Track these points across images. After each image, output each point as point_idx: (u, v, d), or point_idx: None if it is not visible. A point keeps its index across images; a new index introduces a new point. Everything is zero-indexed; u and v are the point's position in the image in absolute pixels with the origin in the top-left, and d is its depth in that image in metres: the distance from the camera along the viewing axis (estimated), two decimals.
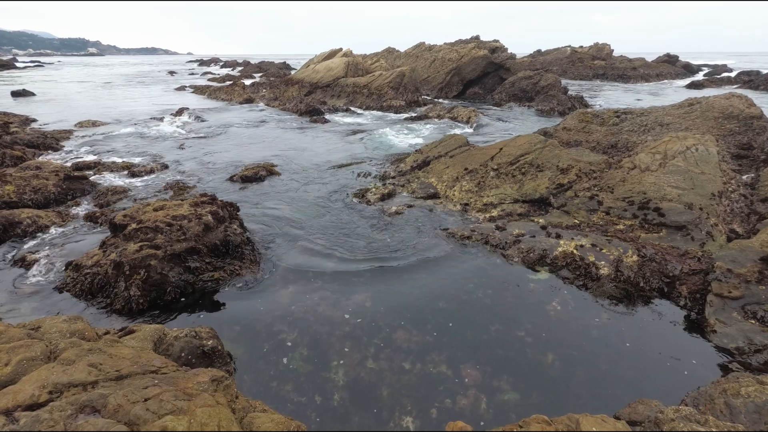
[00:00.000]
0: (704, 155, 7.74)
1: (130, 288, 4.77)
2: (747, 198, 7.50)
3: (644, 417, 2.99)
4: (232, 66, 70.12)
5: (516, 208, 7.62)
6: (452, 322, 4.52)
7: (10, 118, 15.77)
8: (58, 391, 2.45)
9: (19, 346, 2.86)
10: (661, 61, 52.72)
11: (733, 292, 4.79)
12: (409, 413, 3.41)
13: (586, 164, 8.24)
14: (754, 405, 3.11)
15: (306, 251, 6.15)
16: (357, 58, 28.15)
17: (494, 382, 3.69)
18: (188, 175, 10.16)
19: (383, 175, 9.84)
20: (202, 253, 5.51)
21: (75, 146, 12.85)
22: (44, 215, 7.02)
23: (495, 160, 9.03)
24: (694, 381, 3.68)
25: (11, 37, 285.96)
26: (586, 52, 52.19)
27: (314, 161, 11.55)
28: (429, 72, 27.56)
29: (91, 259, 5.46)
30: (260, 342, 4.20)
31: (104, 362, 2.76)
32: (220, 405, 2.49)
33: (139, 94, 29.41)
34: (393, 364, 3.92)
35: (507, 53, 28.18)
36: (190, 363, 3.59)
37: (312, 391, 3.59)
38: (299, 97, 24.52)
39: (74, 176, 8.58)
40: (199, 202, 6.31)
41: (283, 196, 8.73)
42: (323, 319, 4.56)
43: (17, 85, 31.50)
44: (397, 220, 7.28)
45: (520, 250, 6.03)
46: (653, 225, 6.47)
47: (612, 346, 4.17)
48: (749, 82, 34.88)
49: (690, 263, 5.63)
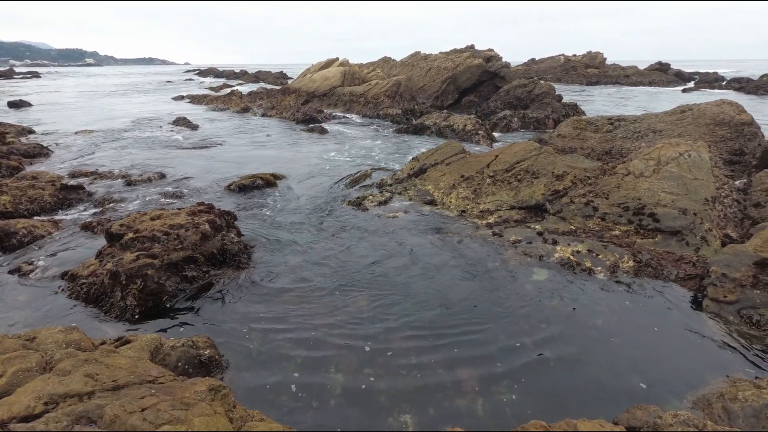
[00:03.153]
0: (697, 161, 7.83)
1: (127, 297, 4.75)
2: (740, 203, 7.58)
3: (643, 422, 2.99)
4: (229, 76, 70.53)
5: (512, 215, 7.66)
6: (448, 321, 4.52)
7: (7, 129, 15.75)
8: (54, 402, 2.43)
9: (15, 357, 2.84)
10: (653, 68, 53.52)
11: (728, 297, 4.82)
12: (408, 412, 3.41)
13: (582, 171, 8.31)
14: (751, 409, 3.13)
15: (304, 259, 6.15)
16: (353, 67, 28.41)
17: (492, 386, 3.68)
18: (185, 184, 10.16)
19: (380, 182, 9.88)
20: (199, 262, 5.50)
21: (72, 156, 12.83)
22: (40, 225, 6.99)
23: (491, 167, 9.09)
24: (692, 385, 3.68)
25: (8, 48, 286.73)
26: (579, 61, 52.94)
27: (312, 170, 11.58)
28: (425, 81, 27.83)
29: (87, 269, 5.44)
30: (258, 350, 4.17)
31: (101, 372, 2.74)
32: (218, 414, 2.48)
33: (137, 104, 29.48)
34: (391, 365, 3.91)
35: (501, 62, 28.51)
36: (188, 372, 3.57)
37: (309, 398, 3.57)
38: (296, 106, 24.65)
39: (70, 186, 8.56)
40: (196, 210, 6.31)
41: (281, 204, 8.75)
42: (321, 325, 4.54)
43: (14, 96, 31.51)
44: (394, 226, 7.30)
45: (518, 255, 6.05)
46: (648, 230, 6.52)
47: (611, 348, 4.17)
48: (740, 89, 35.45)
49: (685, 268, 5.67)
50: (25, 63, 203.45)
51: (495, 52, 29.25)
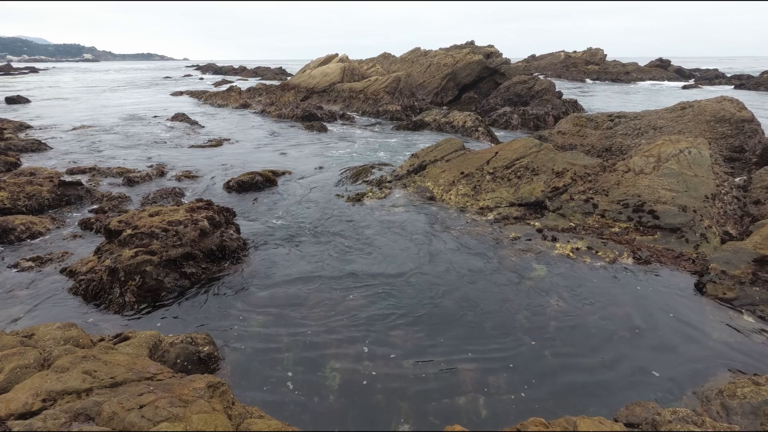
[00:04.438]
0: (697, 158, 7.82)
1: (126, 294, 4.74)
2: (740, 200, 7.57)
3: (642, 419, 3.00)
4: (228, 71, 70.23)
5: (512, 212, 7.65)
6: (447, 318, 4.51)
7: (5, 124, 15.68)
8: (52, 399, 2.42)
9: (13, 354, 2.83)
10: (653, 65, 53.39)
11: (727, 294, 4.83)
12: (407, 409, 3.41)
13: (581, 167, 8.30)
14: (750, 406, 3.13)
15: (303, 256, 6.14)
16: (353, 63, 28.28)
17: (492, 382, 3.68)
18: (184, 180, 10.13)
19: (379, 179, 9.86)
20: (198, 259, 5.48)
21: (70, 152, 12.78)
22: (38, 221, 6.97)
23: (491, 164, 9.07)
24: (691, 382, 3.69)
25: (6, 43, 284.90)
26: (579, 57, 52.76)
27: (311, 166, 11.55)
28: (425, 77, 27.71)
29: (85, 266, 5.42)
30: (257, 347, 4.17)
31: (99, 369, 2.74)
32: (216, 411, 2.47)
33: (135, 99, 29.34)
34: (390, 362, 3.91)
35: (501, 58, 28.41)
36: (186, 369, 3.56)
37: (308, 394, 3.57)
38: (295, 102, 24.55)
39: (69, 182, 8.52)
40: (195, 207, 6.29)
41: (280, 201, 8.72)
42: (320, 322, 4.54)
43: (11, 91, 31.34)
44: (393, 223, 7.28)
45: (517, 252, 6.05)
46: (648, 227, 6.52)
47: (609, 345, 4.18)
48: (741, 86, 35.38)
49: (685, 265, 5.67)
50: (22, 58, 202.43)
51: (495, 49, 29.14)
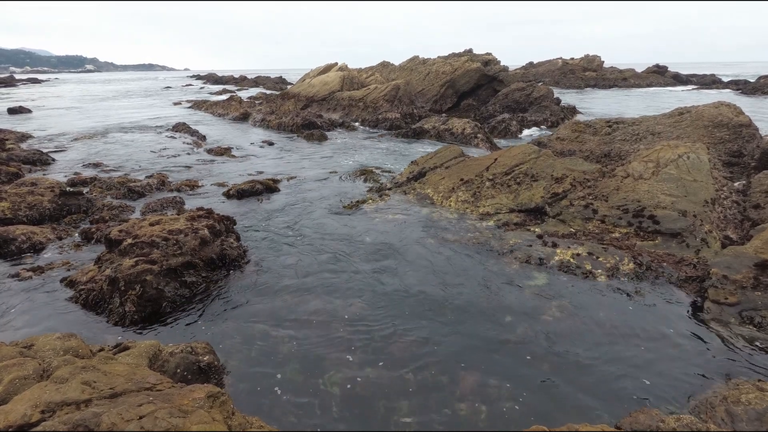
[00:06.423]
0: (696, 163, 7.84)
1: (126, 304, 4.72)
2: (739, 205, 7.58)
3: (646, 426, 2.97)
4: (228, 81, 70.77)
5: (512, 218, 7.65)
6: (447, 326, 4.49)
7: (6, 135, 15.77)
8: (51, 411, 2.40)
9: (12, 365, 2.81)
10: (650, 71, 53.75)
11: (729, 299, 4.80)
12: (407, 416, 3.38)
13: (580, 173, 8.32)
14: (755, 412, 3.10)
15: (303, 264, 6.13)
16: (352, 71, 28.50)
17: (492, 389, 3.65)
18: (185, 189, 10.16)
19: (379, 186, 9.89)
20: (198, 267, 5.48)
21: (71, 162, 12.84)
22: (39, 231, 6.97)
23: (490, 170, 9.10)
24: (694, 389, 3.66)
25: (9, 55, 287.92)
26: (577, 64, 53.16)
27: (311, 174, 11.59)
28: (423, 85, 27.92)
29: (86, 275, 5.42)
30: (257, 356, 4.15)
31: (98, 380, 2.72)
32: (216, 422, 2.45)
33: (136, 109, 29.54)
34: (390, 372, 3.88)
35: (500, 65, 28.65)
36: (186, 379, 3.54)
37: (309, 404, 3.54)
38: (295, 110, 24.70)
39: (70, 192, 8.55)
40: (196, 216, 6.30)
41: (280, 209, 8.74)
42: (321, 330, 4.52)
43: (13, 102, 31.59)
44: (393, 229, 7.28)
45: (518, 258, 6.04)
46: (648, 232, 6.51)
47: (612, 351, 4.15)
48: (738, 90, 35.60)
49: (686, 270, 5.65)
50: (25, 70, 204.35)
51: (493, 56, 29.40)
